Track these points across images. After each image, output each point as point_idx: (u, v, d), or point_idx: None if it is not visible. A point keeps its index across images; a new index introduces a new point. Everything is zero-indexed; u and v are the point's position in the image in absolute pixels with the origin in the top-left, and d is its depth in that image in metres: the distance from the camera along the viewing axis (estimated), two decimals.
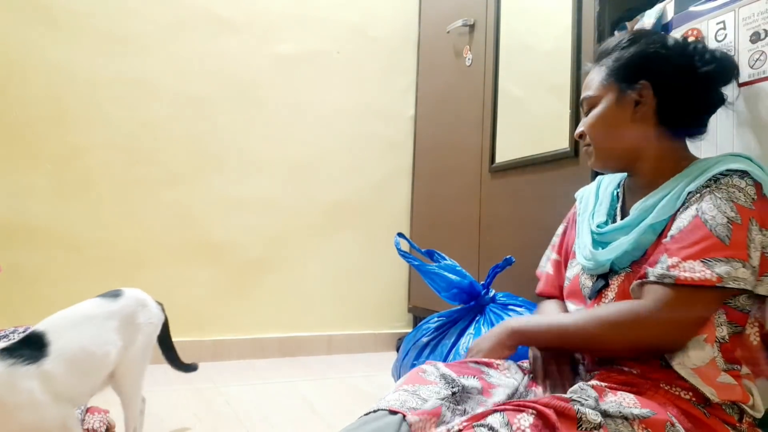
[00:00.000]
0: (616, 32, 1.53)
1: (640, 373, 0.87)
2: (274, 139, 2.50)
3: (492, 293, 1.59)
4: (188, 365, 1.50)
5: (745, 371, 0.87)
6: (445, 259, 1.63)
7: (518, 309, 1.50)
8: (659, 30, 1.34)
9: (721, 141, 1.16)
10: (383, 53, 2.74)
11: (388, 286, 2.71)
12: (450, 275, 1.58)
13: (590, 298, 1.01)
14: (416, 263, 1.64)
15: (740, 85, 1.12)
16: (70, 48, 2.18)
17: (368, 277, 2.67)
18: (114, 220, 2.22)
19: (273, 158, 2.49)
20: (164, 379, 1.42)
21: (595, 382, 0.85)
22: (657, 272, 0.85)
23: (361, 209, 2.67)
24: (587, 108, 1.05)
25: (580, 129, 1.06)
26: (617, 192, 1.10)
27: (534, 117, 1.93)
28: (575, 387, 0.84)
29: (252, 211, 2.45)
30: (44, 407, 1.04)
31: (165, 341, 1.43)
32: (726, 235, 0.83)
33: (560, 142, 1.75)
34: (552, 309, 1.14)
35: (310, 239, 2.56)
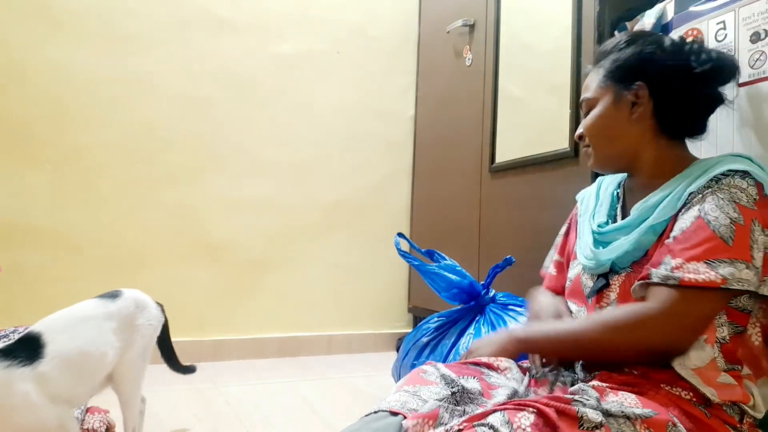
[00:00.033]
0: (616, 32, 1.53)
1: (641, 374, 0.87)
2: (274, 139, 2.50)
3: (492, 293, 1.60)
4: (186, 367, 1.48)
5: (746, 372, 0.86)
6: (445, 259, 1.64)
7: (518, 309, 1.50)
8: (659, 30, 1.34)
9: (722, 141, 1.16)
10: (383, 53, 2.74)
11: (388, 286, 2.71)
12: (450, 275, 1.58)
13: (591, 298, 1.02)
14: (416, 263, 1.64)
15: (740, 85, 1.12)
16: (70, 48, 2.18)
17: (368, 277, 2.66)
18: (114, 220, 2.22)
19: (273, 158, 2.49)
20: (164, 379, 1.42)
21: (596, 383, 0.85)
22: (661, 274, 0.85)
23: (361, 209, 2.66)
24: (586, 109, 1.06)
25: (580, 130, 1.08)
26: (617, 192, 1.10)
27: (534, 117, 1.93)
28: (576, 387, 0.83)
29: (252, 211, 2.45)
30: (40, 409, 1.04)
31: (164, 343, 1.41)
32: (729, 236, 0.83)
33: (560, 142, 1.74)
34: (544, 299, 1.15)
35: (310, 239, 2.55)
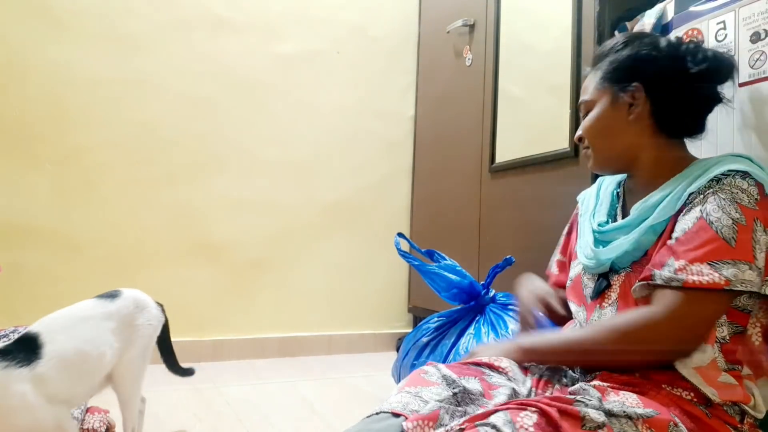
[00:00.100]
0: (616, 32, 1.53)
1: (642, 374, 0.87)
2: (275, 139, 2.50)
3: (492, 293, 1.60)
4: (185, 369, 1.46)
5: (746, 372, 0.86)
6: (445, 259, 1.64)
7: (518, 309, 1.50)
8: (659, 30, 1.34)
9: (722, 141, 1.16)
10: (383, 53, 2.74)
11: (388, 286, 2.71)
12: (450, 275, 1.58)
13: (592, 299, 1.02)
14: (416, 263, 1.64)
15: (740, 85, 1.12)
16: (71, 48, 2.18)
17: (368, 277, 2.66)
18: (114, 220, 2.22)
19: (273, 158, 2.49)
20: (164, 379, 1.41)
21: (597, 383, 0.85)
22: (665, 275, 0.85)
23: (361, 209, 2.66)
24: (585, 111, 1.07)
25: (579, 132, 1.08)
26: (618, 192, 1.11)
27: (534, 117, 1.93)
28: (577, 387, 0.83)
29: (252, 211, 2.45)
30: (38, 410, 1.03)
31: (164, 343, 1.39)
32: (732, 237, 0.83)
33: (560, 142, 1.74)
34: (535, 281, 1.22)
35: (310, 239, 2.55)
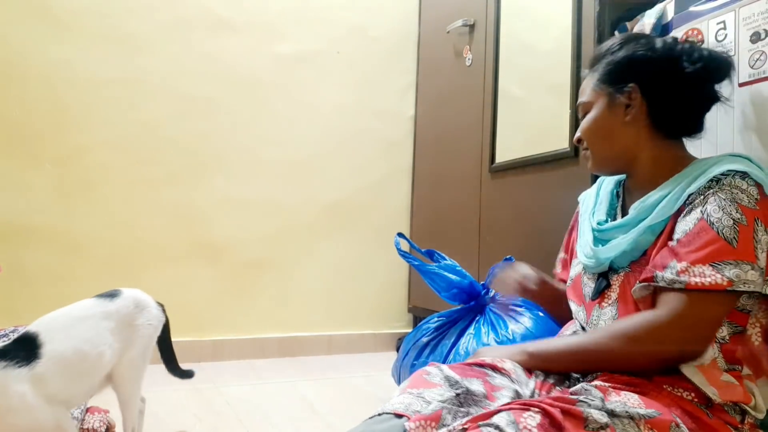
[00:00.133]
0: (616, 32, 1.52)
1: (643, 374, 0.87)
2: (274, 139, 2.50)
3: (492, 293, 1.59)
4: (185, 372, 1.44)
5: (746, 372, 0.86)
6: (445, 259, 1.63)
7: (518, 309, 1.50)
8: (659, 30, 1.34)
9: (722, 141, 1.16)
10: (383, 53, 2.73)
11: (388, 286, 2.71)
12: (450, 275, 1.58)
13: (592, 298, 1.02)
14: (416, 263, 1.64)
15: (741, 85, 1.12)
16: (71, 48, 2.18)
17: (368, 277, 2.66)
18: (114, 220, 2.22)
19: (273, 158, 2.49)
20: (164, 379, 1.41)
21: (599, 383, 0.85)
22: (667, 278, 0.85)
23: (361, 209, 2.66)
24: (582, 113, 1.08)
25: (578, 134, 1.09)
26: (617, 191, 1.11)
27: (534, 117, 1.93)
28: (579, 387, 0.83)
29: (252, 211, 2.45)
30: (37, 410, 1.03)
31: (164, 344, 1.38)
32: (733, 238, 0.83)
33: (560, 142, 1.74)
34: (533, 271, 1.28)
35: (310, 239, 2.55)
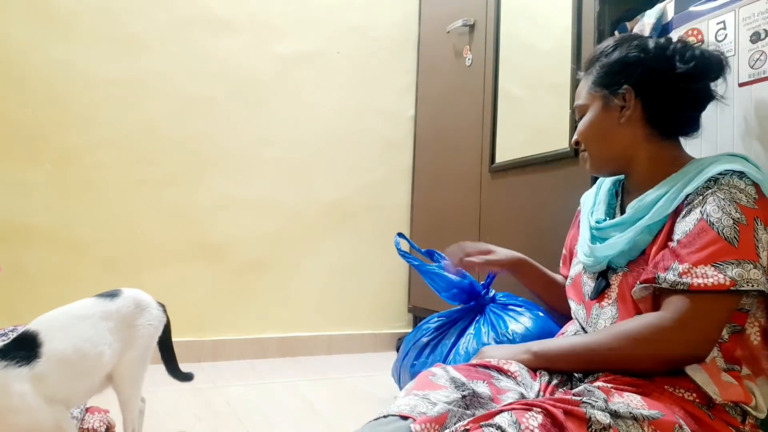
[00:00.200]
0: (616, 32, 1.52)
1: (645, 375, 0.87)
2: (274, 139, 2.50)
3: (492, 293, 1.60)
4: (185, 374, 1.43)
5: (746, 372, 0.86)
6: (445, 259, 1.63)
7: (518, 309, 1.50)
8: (659, 30, 1.34)
9: (722, 141, 1.16)
10: (383, 53, 2.73)
11: (388, 286, 2.71)
12: (450, 275, 1.58)
13: (592, 298, 1.02)
14: (416, 263, 1.64)
15: (740, 85, 1.12)
16: (71, 48, 2.18)
17: (368, 277, 2.66)
18: (114, 220, 2.22)
19: (273, 158, 2.49)
20: (164, 380, 1.41)
21: (601, 384, 0.85)
22: (669, 279, 0.85)
23: (361, 209, 2.66)
24: (579, 115, 1.09)
25: (575, 137, 1.10)
26: (616, 191, 1.12)
27: (534, 117, 1.93)
28: (582, 388, 0.83)
29: (252, 211, 2.45)
30: (37, 410, 1.03)
31: (165, 345, 1.37)
32: (734, 237, 0.83)
33: (560, 142, 1.74)
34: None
35: (310, 239, 2.55)
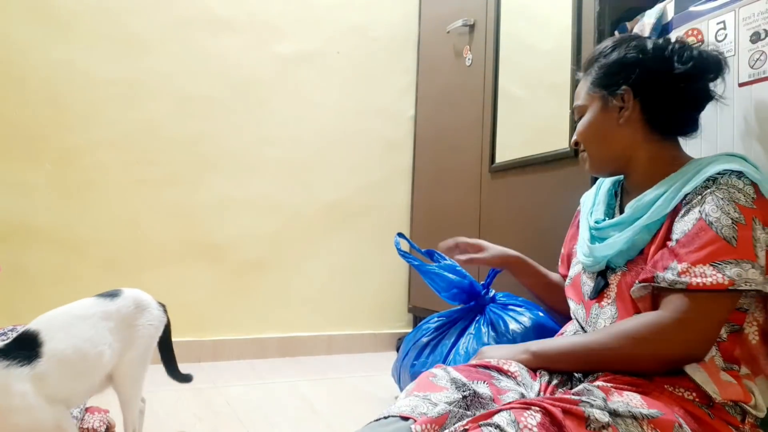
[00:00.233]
0: (616, 32, 1.53)
1: (644, 375, 0.87)
2: (274, 139, 2.50)
3: (492, 293, 1.60)
4: (184, 375, 1.42)
5: (745, 371, 0.87)
6: (445, 259, 1.63)
7: (518, 309, 1.50)
8: (659, 30, 1.34)
9: (722, 141, 1.16)
10: (383, 53, 2.73)
11: (388, 286, 2.71)
12: (450, 275, 1.58)
13: (592, 298, 1.02)
14: (416, 263, 1.64)
15: (740, 85, 1.12)
16: (71, 48, 2.18)
17: (368, 277, 2.66)
18: (114, 220, 2.22)
19: (273, 158, 2.49)
20: (164, 380, 1.41)
21: (601, 383, 0.85)
22: (668, 278, 0.85)
23: (361, 209, 2.66)
24: (578, 116, 1.09)
25: (574, 137, 1.10)
26: (615, 191, 1.12)
27: (534, 117, 1.93)
28: (581, 387, 0.83)
29: (252, 211, 2.45)
30: (38, 410, 1.03)
31: (165, 345, 1.37)
32: (732, 237, 0.83)
33: (560, 142, 1.74)
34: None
35: (310, 239, 2.55)
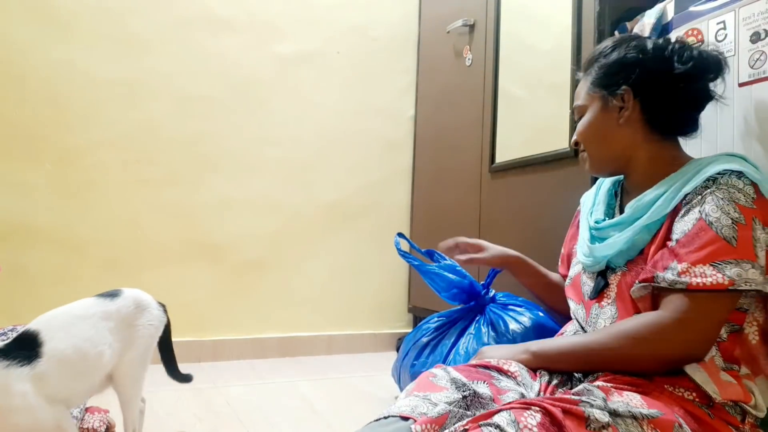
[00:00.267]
0: (616, 32, 1.53)
1: (644, 375, 0.87)
2: (274, 139, 2.50)
3: (492, 293, 1.60)
4: (184, 375, 1.42)
5: (745, 371, 0.87)
6: (445, 259, 1.63)
7: (518, 309, 1.50)
8: (659, 30, 1.34)
9: (722, 141, 1.16)
10: (383, 53, 2.73)
11: (388, 286, 2.71)
12: (450, 275, 1.58)
13: (592, 298, 1.02)
14: (416, 263, 1.64)
15: (740, 85, 1.12)
16: (71, 48, 2.18)
17: (368, 277, 2.66)
18: (114, 220, 2.22)
19: (273, 158, 2.49)
20: (164, 380, 1.41)
21: (601, 383, 0.85)
22: (668, 278, 0.85)
23: (361, 209, 2.66)
24: (578, 116, 1.09)
25: (574, 137, 1.10)
26: (615, 191, 1.12)
27: (534, 117, 1.93)
28: (581, 387, 0.83)
29: (252, 211, 2.45)
30: (38, 410, 1.03)
31: (165, 345, 1.36)
32: (732, 237, 0.83)
33: (560, 142, 1.74)
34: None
35: (310, 239, 2.55)
